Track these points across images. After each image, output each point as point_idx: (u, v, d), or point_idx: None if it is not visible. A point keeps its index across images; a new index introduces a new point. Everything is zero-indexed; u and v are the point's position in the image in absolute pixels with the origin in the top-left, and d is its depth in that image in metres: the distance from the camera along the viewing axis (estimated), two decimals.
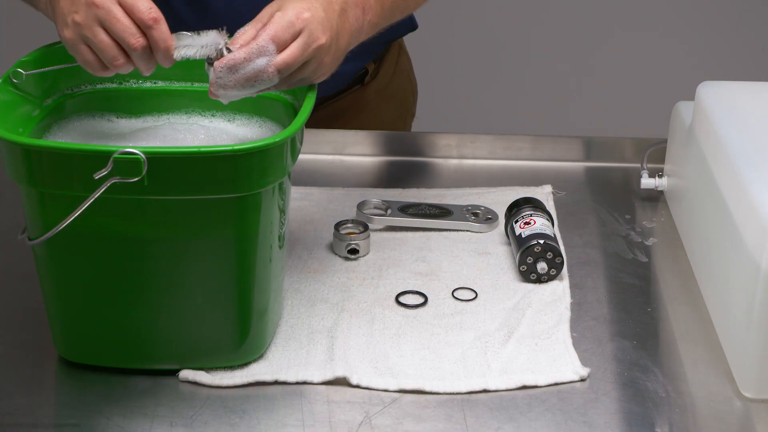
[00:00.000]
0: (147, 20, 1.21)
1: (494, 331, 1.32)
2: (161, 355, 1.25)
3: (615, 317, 1.37)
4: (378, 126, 1.79)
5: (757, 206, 1.22)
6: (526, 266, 1.41)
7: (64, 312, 1.24)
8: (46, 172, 1.15)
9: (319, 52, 1.24)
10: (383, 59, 1.78)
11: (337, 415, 1.20)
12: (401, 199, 1.59)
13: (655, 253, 1.50)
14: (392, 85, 1.81)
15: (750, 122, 1.39)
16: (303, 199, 1.59)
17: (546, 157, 1.73)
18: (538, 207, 1.48)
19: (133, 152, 1.12)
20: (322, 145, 1.71)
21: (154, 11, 1.22)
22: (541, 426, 1.20)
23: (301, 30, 1.22)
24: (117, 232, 1.18)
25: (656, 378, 1.27)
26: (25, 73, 1.29)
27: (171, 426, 1.19)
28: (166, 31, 1.22)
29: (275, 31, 1.22)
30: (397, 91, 1.83)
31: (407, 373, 1.26)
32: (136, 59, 1.23)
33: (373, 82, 1.78)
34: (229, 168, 1.15)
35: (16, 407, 1.21)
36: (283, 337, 1.31)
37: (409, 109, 1.89)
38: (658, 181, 1.61)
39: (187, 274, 1.20)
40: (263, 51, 1.21)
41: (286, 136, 1.17)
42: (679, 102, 1.59)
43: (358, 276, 1.42)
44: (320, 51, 1.24)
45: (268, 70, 1.22)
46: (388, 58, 1.79)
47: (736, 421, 1.22)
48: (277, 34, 1.22)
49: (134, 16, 1.21)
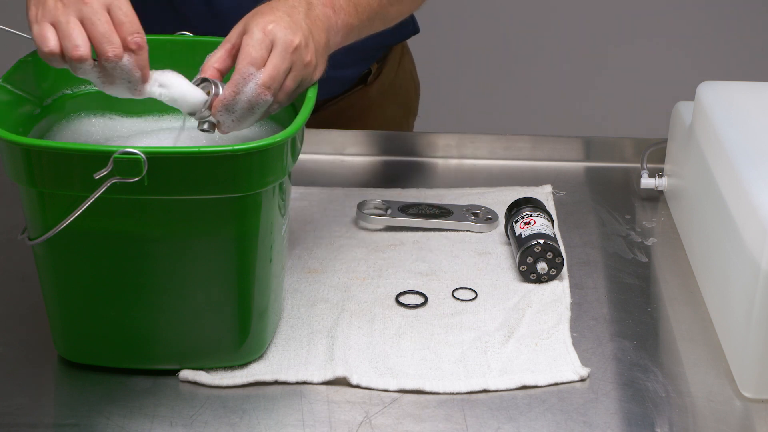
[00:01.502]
0: (131, 43, 1.18)
1: (494, 331, 1.32)
2: (161, 355, 1.25)
3: (615, 317, 1.37)
4: (381, 125, 1.79)
5: (757, 206, 1.22)
6: (526, 266, 1.41)
7: (64, 312, 1.24)
8: (46, 172, 1.15)
9: (297, 53, 1.23)
10: (386, 59, 1.79)
11: (337, 415, 1.20)
12: (401, 199, 1.59)
13: (655, 253, 1.50)
14: (395, 84, 1.81)
15: (750, 122, 1.39)
16: (303, 199, 1.59)
17: (546, 157, 1.73)
18: (538, 207, 1.48)
19: (133, 152, 1.12)
20: (322, 145, 1.71)
21: (140, 37, 1.18)
22: (541, 426, 1.20)
23: (272, 42, 1.22)
24: (117, 232, 1.18)
25: (656, 378, 1.27)
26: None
27: (171, 426, 1.19)
28: (146, 60, 1.19)
29: (248, 53, 1.21)
30: (400, 91, 1.84)
31: (407, 373, 1.26)
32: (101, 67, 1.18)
33: (376, 81, 1.78)
34: (229, 168, 1.15)
35: (16, 407, 1.21)
36: (283, 337, 1.31)
37: (412, 108, 1.89)
38: (658, 181, 1.61)
39: (187, 274, 1.20)
40: (247, 77, 1.21)
41: (286, 136, 1.17)
42: (679, 102, 1.59)
43: (358, 276, 1.42)
44: (298, 52, 1.23)
45: (258, 92, 1.21)
46: (390, 58, 1.80)
47: (736, 421, 1.22)
48: (251, 55, 1.21)
49: (120, 32, 1.18)
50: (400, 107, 1.86)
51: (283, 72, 1.22)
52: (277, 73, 1.22)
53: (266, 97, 1.21)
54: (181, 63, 1.29)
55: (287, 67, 1.22)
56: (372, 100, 1.78)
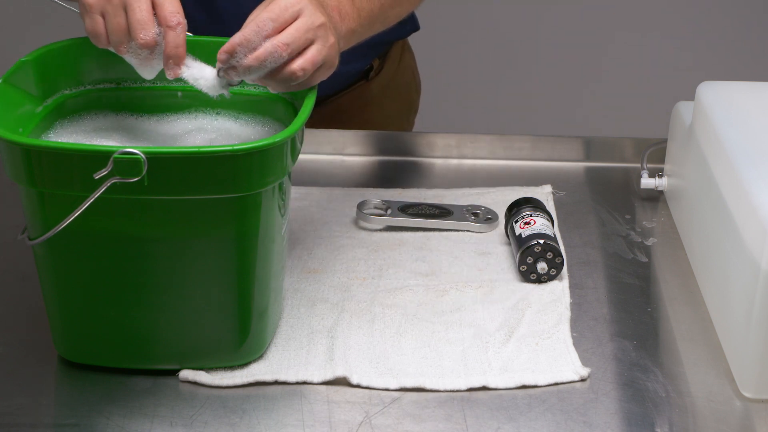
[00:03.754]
0: (170, 19, 1.22)
1: (495, 331, 1.32)
2: (161, 355, 1.25)
3: (615, 317, 1.37)
4: (382, 121, 1.80)
5: (757, 206, 1.22)
6: (526, 266, 1.41)
7: (64, 312, 1.24)
8: (46, 172, 1.15)
9: (323, 30, 1.22)
10: (387, 55, 1.79)
11: (337, 415, 1.21)
12: (401, 198, 1.59)
13: (655, 253, 1.50)
14: (396, 80, 1.81)
15: (750, 122, 1.39)
16: (303, 199, 1.59)
17: (546, 157, 1.73)
18: (538, 207, 1.48)
19: (133, 152, 1.12)
20: (322, 145, 1.71)
21: (179, 16, 1.23)
22: (541, 426, 1.20)
23: (299, 12, 1.21)
24: (117, 232, 1.18)
25: (656, 378, 1.27)
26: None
27: (171, 426, 1.19)
28: (182, 39, 1.23)
29: (271, 9, 1.21)
30: (401, 87, 1.84)
31: (407, 371, 1.26)
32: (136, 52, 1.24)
33: (377, 77, 1.78)
34: (229, 168, 1.15)
35: (16, 407, 1.21)
36: (283, 337, 1.31)
37: (412, 104, 1.90)
38: (658, 181, 1.61)
39: (187, 274, 1.20)
40: (262, 26, 1.20)
41: (286, 136, 1.17)
42: (679, 102, 1.59)
43: (358, 276, 1.42)
44: (323, 29, 1.22)
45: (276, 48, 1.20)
46: (392, 54, 1.80)
47: (736, 421, 1.22)
48: (273, 11, 1.21)
49: (159, 13, 1.23)
50: (402, 104, 1.86)
51: (304, 40, 1.21)
52: (299, 36, 1.20)
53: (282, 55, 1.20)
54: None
55: (311, 37, 1.21)
56: (373, 96, 1.79)
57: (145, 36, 1.22)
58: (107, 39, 1.25)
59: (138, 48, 1.24)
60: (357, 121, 1.76)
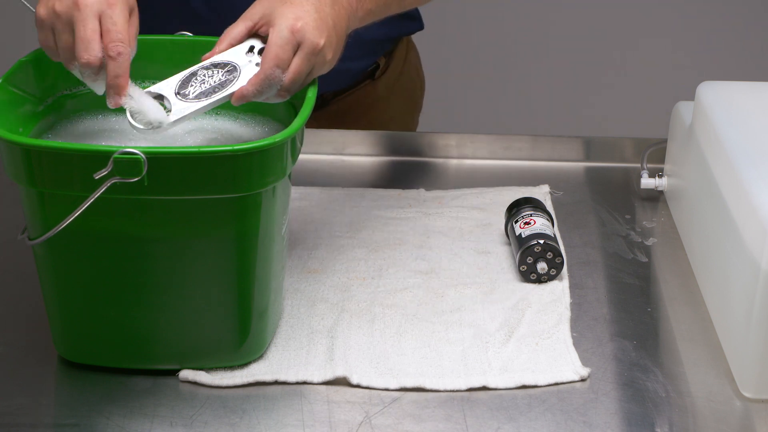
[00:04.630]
0: (110, 49, 1.21)
1: (495, 331, 1.32)
2: (161, 355, 1.25)
3: (615, 317, 1.37)
4: (387, 120, 1.80)
5: (757, 206, 1.22)
6: (526, 266, 1.41)
7: (64, 312, 1.24)
8: (46, 172, 1.15)
9: (320, 55, 1.25)
10: (393, 54, 1.79)
11: (337, 415, 1.20)
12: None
13: (655, 253, 1.50)
14: (401, 79, 1.82)
15: (750, 122, 1.39)
16: (303, 199, 1.59)
17: (545, 157, 1.73)
18: (538, 207, 1.48)
19: (133, 152, 1.12)
20: (322, 145, 1.71)
21: (121, 46, 1.21)
22: (541, 426, 1.20)
23: (299, 43, 1.24)
24: (117, 232, 1.18)
25: (656, 378, 1.27)
26: None
27: (171, 426, 1.19)
28: (123, 69, 1.22)
29: (276, 54, 1.23)
30: (406, 86, 1.84)
31: (407, 371, 1.26)
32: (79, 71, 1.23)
33: (383, 76, 1.78)
34: (229, 168, 1.15)
35: (16, 407, 1.21)
36: (283, 337, 1.31)
37: (417, 103, 1.90)
38: (658, 181, 1.61)
39: (187, 274, 1.20)
40: (272, 80, 1.23)
41: (286, 137, 1.17)
42: (679, 102, 1.59)
43: (358, 276, 1.42)
44: (321, 53, 1.25)
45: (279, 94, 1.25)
46: (397, 53, 1.80)
47: (736, 421, 1.22)
48: (279, 57, 1.23)
49: (103, 40, 1.21)
50: (406, 102, 1.86)
51: (305, 74, 1.25)
52: (300, 77, 1.24)
53: (283, 97, 1.25)
54: (181, 63, 1.29)
55: (309, 69, 1.25)
56: (379, 95, 1.79)
57: (87, 57, 1.21)
58: (58, 54, 1.24)
59: (80, 67, 1.23)
60: (363, 120, 1.76)
